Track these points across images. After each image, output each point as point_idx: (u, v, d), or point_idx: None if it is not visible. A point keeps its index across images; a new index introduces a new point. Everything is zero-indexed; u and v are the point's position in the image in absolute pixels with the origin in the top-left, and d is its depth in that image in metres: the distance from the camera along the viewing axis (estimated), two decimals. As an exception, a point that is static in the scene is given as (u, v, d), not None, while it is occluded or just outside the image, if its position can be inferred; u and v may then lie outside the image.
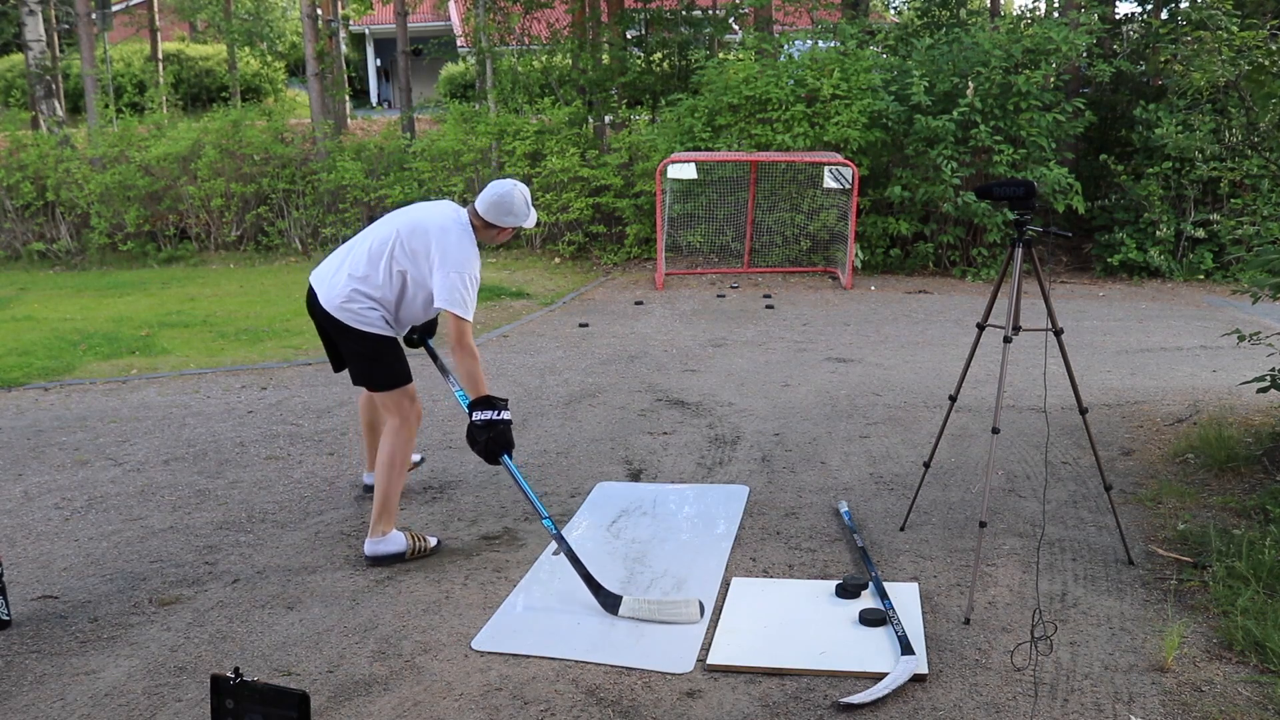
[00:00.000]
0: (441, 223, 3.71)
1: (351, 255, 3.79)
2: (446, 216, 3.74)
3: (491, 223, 3.76)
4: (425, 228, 3.70)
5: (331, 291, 3.76)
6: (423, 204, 3.91)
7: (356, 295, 3.71)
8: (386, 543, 3.76)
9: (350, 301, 3.72)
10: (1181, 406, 5.69)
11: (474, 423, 3.62)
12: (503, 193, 3.74)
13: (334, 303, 3.73)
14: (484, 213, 3.75)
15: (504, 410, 3.64)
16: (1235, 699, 2.77)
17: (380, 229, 3.80)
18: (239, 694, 2.53)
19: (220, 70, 23.95)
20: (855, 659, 2.98)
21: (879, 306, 9.47)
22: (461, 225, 3.72)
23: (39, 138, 13.92)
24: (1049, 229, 3.84)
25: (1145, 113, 10.70)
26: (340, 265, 3.80)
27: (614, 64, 14.48)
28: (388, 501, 3.76)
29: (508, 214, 3.75)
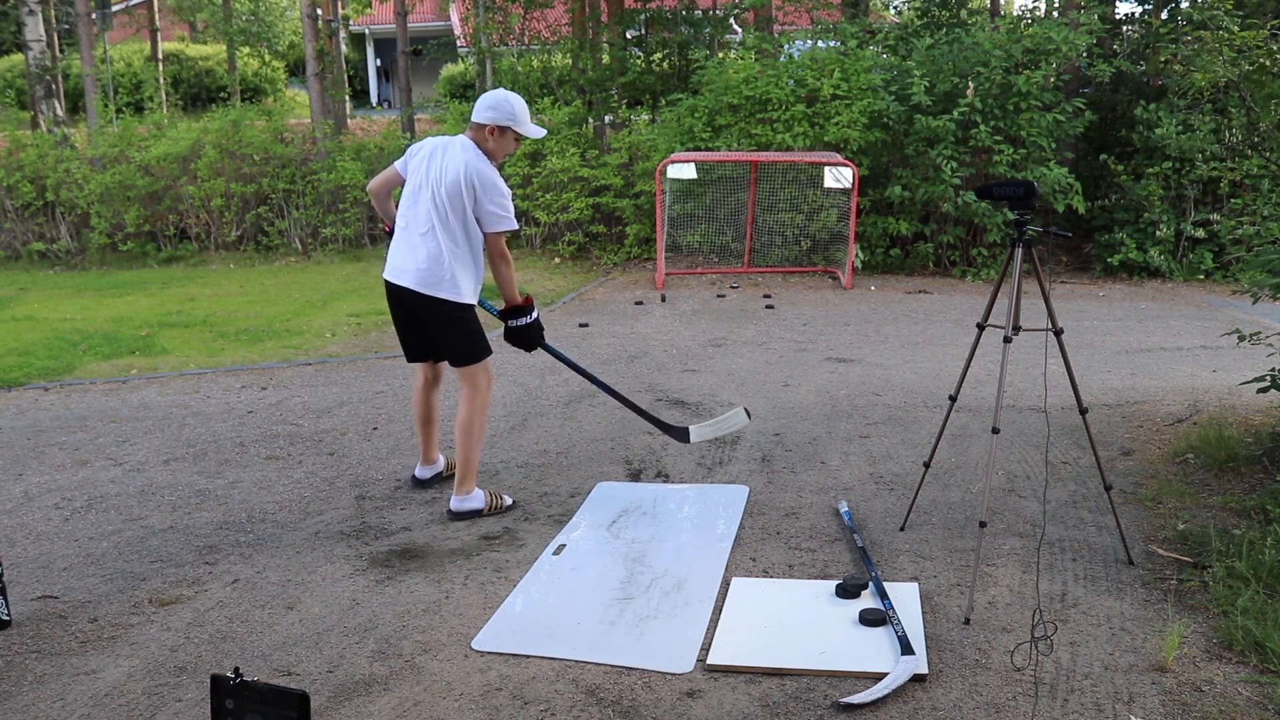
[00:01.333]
0: (459, 162, 3.95)
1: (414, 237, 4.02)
2: (457, 154, 3.98)
3: (479, 123, 3.99)
4: (447, 178, 3.95)
5: (419, 274, 4.00)
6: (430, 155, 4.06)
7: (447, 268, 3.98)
8: (470, 500, 4.15)
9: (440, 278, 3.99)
10: (1181, 406, 5.69)
11: (512, 327, 4.22)
12: (497, 96, 3.99)
13: (425, 283, 4.00)
14: (476, 117, 4.00)
15: (533, 313, 4.23)
16: (1235, 699, 2.77)
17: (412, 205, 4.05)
18: (239, 694, 2.53)
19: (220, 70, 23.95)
20: (855, 659, 2.98)
21: (879, 306, 9.47)
22: (473, 153, 3.99)
23: (39, 138, 13.92)
24: (1049, 229, 3.84)
25: (1146, 113, 10.71)
26: (413, 250, 4.03)
27: (614, 64, 14.48)
28: (469, 463, 4.13)
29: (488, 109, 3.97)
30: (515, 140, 4.07)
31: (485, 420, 4.20)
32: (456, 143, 4.03)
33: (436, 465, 4.61)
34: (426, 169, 4.03)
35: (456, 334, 4.10)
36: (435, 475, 4.61)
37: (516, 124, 4.01)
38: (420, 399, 4.47)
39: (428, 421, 4.50)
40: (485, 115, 3.99)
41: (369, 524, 4.17)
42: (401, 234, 4.12)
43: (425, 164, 4.04)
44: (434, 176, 3.99)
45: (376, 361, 7.28)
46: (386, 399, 6.18)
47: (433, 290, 4.02)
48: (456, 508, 4.16)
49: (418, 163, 4.08)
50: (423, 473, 4.59)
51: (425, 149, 4.09)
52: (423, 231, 4.01)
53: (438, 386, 4.50)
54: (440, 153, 4.04)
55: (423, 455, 4.58)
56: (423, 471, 4.59)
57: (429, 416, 4.50)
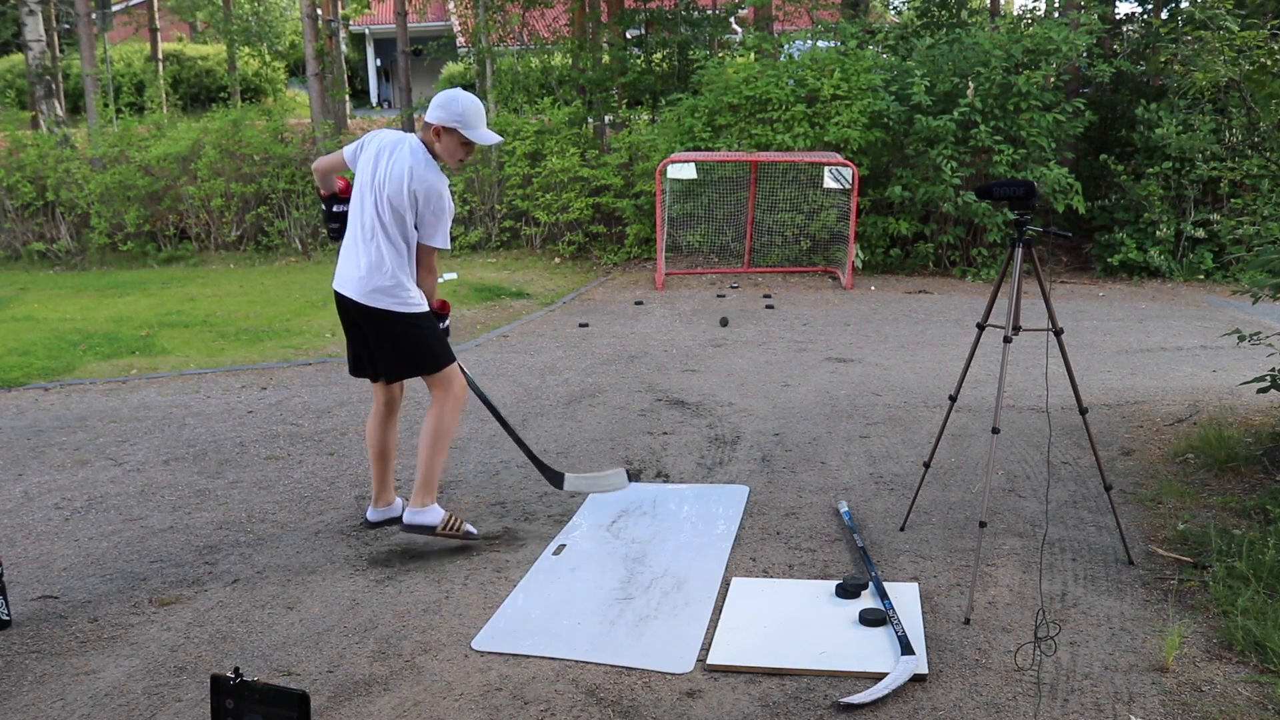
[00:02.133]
0: (404, 166, 3.65)
1: (358, 244, 3.76)
2: (403, 156, 3.67)
3: (427, 121, 3.67)
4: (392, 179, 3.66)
5: (360, 283, 3.72)
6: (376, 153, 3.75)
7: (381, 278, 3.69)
8: (425, 514, 3.80)
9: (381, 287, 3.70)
10: (1181, 406, 5.69)
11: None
12: (447, 95, 3.68)
13: (365, 292, 3.71)
14: (431, 118, 3.67)
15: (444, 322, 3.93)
16: (1235, 699, 2.77)
17: (359, 208, 3.77)
18: (239, 694, 2.53)
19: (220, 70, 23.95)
20: (855, 659, 2.98)
21: (879, 306, 9.47)
22: (420, 154, 3.68)
23: (39, 138, 13.92)
24: (1049, 229, 3.84)
25: (1146, 113, 10.71)
26: (356, 257, 3.76)
27: (614, 64, 14.48)
28: (430, 473, 3.79)
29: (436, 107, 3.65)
30: (463, 145, 3.71)
31: (453, 430, 3.85)
32: (406, 144, 3.71)
33: (393, 508, 4.09)
34: (373, 170, 3.71)
35: (408, 344, 3.76)
36: (388, 520, 4.08)
37: (464, 127, 3.65)
38: (375, 428, 4.00)
39: (382, 455, 4.01)
40: (433, 114, 3.66)
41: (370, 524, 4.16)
42: (348, 239, 3.83)
43: (372, 163, 3.73)
44: (379, 179, 3.69)
45: (376, 361, 7.28)
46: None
47: (372, 300, 3.70)
48: (409, 519, 3.81)
49: (365, 159, 3.76)
50: (375, 515, 4.09)
51: (374, 145, 3.76)
52: (366, 238, 3.71)
53: (395, 417, 4.02)
54: (388, 152, 3.71)
55: (376, 493, 4.08)
56: (375, 514, 4.09)
57: (384, 449, 4.01)
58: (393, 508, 4.10)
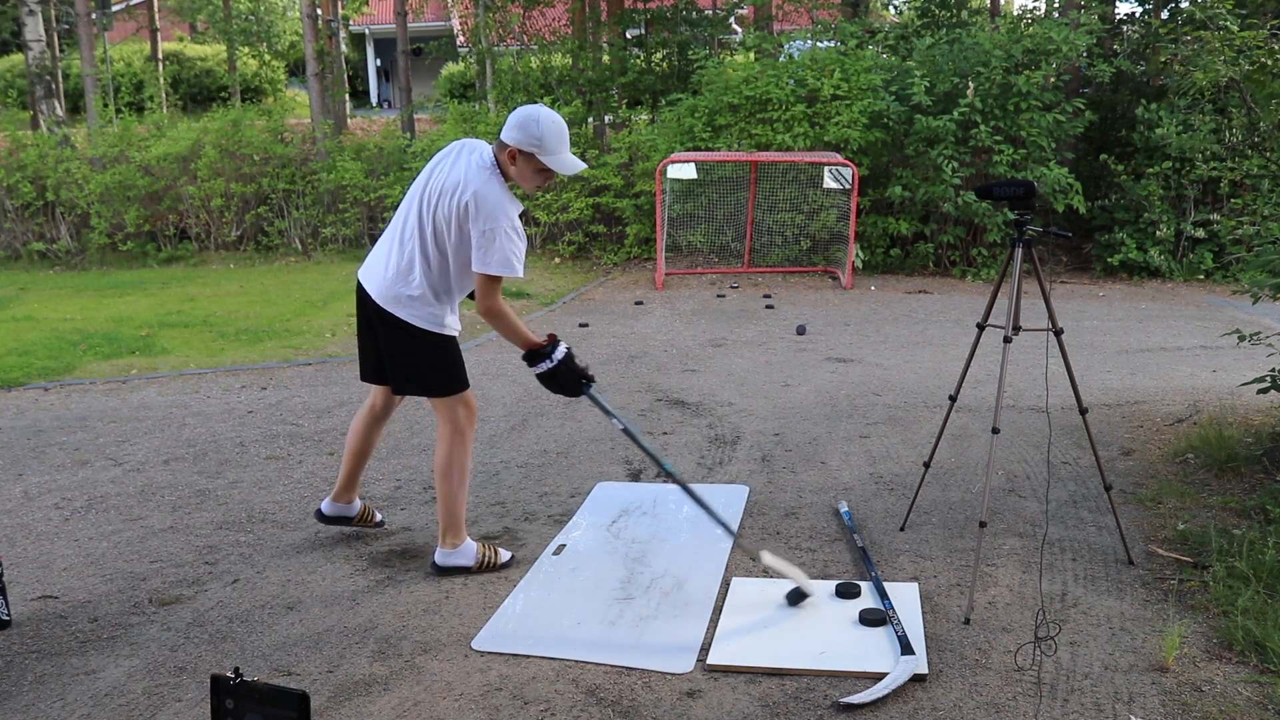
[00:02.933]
0: (463, 176, 3.31)
1: (394, 244, 3.48)
2: (468, 165, 3.33)
3: (503, 141, 3.32)
4: (446, 188, 3.33)
5: (384, 284, 3.45)
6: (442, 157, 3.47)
7: (407, 287, 3.41)
8: (458, 555, 3.61)
9: (405, 295, 3.42)
10: (1181, 406, 5.69)
11: (539, 375, 3.53)
12: (526, 113, 3.29)
13: (387, 296, 3.44)
14: (507, 139, 3.31)
15: (555, 352, 3.48)
16: (1235, 699, 2.76)
17: (407, 207, 3.49)
18: (239, 694, 2.53)
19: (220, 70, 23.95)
20: (855, 659, 2.98)
21: (879, 306, 9.47)
22: (484, 170, 3.31)
23: (39, 138, 13.92)
24: (1049, 229, 3.84)
25: (1146, 113, 10.71)
26: (388, 255, 3.48)
27: (614, 64, 14.49)
28: (452, 512, 3.56)
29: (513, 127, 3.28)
30: (540, 171, 3.36)
31: (467, 462, 3.58)
32: (477, 151, 3.38)
33: (350, 508, 3.91)
34: (430, 171, 3.44)
35: (409, 359, 3.51)
36: (341, 517, 3.91)
37: (543, 152, 3.30)
38: (359, 427, 3.80)
39: (358, 455, 3.81)
40: (509, 134, 3.30)
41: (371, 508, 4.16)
42: (386, 233, 3.56)
43: (440, 164, 3.44)
44: (433, 182, 3.39)
45: (376, 361, 7.28)
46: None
47: (392, 307, 3.42)
48: (441, 562, 3.62)
49: (437, 160, 3.48)
50: (329, 508, 3.89)
51: (453, 149, 3.48)
52: (404, 238, 3.43)
53: (383, 423, 3.83)
54: (454, 155, 3.42)
55: (337, 488, 3.88)
56: (330, 507, 3.89)
57: (362, 450, 3.82)
58: (350, 507, 3.91)
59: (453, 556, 3.62)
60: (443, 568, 3.63)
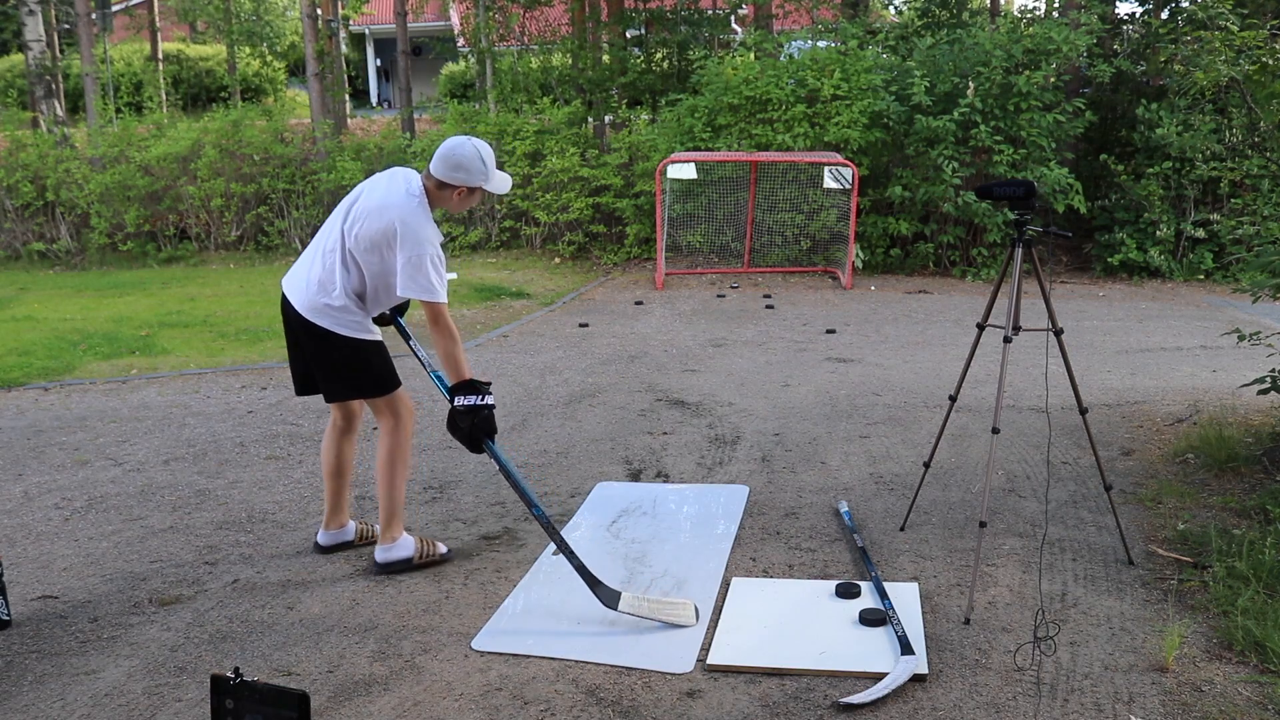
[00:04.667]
0: (388, 200, 3.40)
1: (318, 255, 3.54)
2: (395, 192, 3.42)
3: (444, 181, 3.43)
4: (371, 211, 3.40)
5: (306, 296, 3.51)
6: (373, 182, 3.55)
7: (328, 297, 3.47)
8: (398, 548, 3.65)
9: (326, 305, 3.48)
10: (1181, 406, 5.69)
11: (456, 408, 3.41)
12: (452, 146, 3.42)
13: (309, 307, 3.49)
14: (434, 171, 3.43)
15: (487, 395, 3.42)
16: (1235, 699, 2.77)
17: (331, 222, 3.56)
18: (239, 694, 2.53)
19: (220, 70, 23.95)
20: (855, 659, 2.98)
21: (879, 306, 9.47)
22: (413, 198, 3.40)
23: (39, 138, 13.92)
24: (1049, 229, 3.84)
25: (1146, 112, 10.71)
26: (310, 267, 3.54)
27: (614, 64, 14.49)
28: (393, 506, 3.62)
29: (456, 169, 3.40)
30: (469, 195, 3.49)
31: (407, 456, 3.66)
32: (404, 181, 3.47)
33: (345, 531, 3.88)
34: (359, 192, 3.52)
35: (335, 366, 3.55)
36: (340, 544, 3.88)
37: (469, 182, 3.43)
38: (329, 444, 3.79)
39: (337, 473, 3.79)
40: (435, 168, 3.42)
41: (369, 524, 4.16)
42: (310, 248, 3.62)
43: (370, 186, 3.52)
44: (362, 204, 3.45)
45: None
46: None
47: (315, 317, 3.48)
48: (381, 558, 3.64)
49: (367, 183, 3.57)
50: (325, 538, 3.86)
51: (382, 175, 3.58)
52: (325, 251, 3.50)
53: (352, 434, 3.82)
54: (385, 185, 3.49)
55: (327, 515, 3.85)
56: (325, 537, 3.86)
57: (339, 467, 3.79)
58: (345, 531, 3.89)
59: (392, 551, 3.66)
60: (383, 564, 3.65)
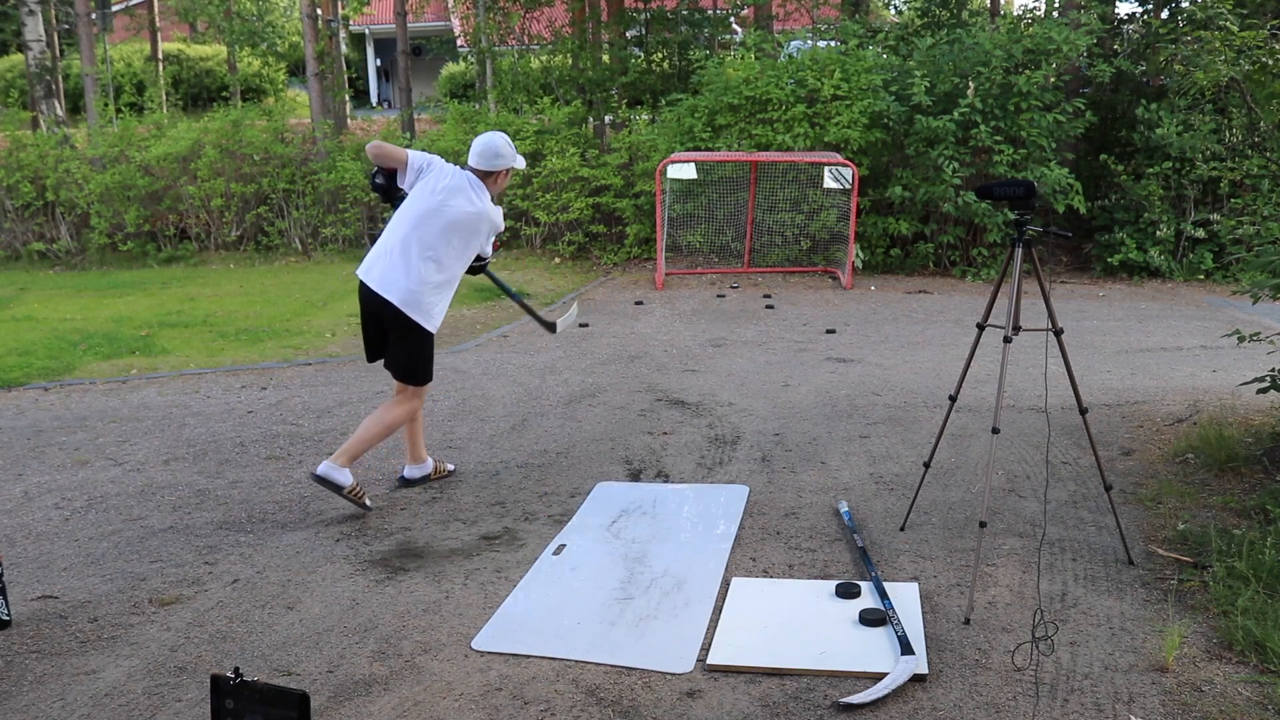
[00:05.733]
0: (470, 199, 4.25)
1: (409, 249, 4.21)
2: (470, 191, 4.27)
3: (488, 170, 4.32)
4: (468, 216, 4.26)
5: (404, 289, 4.19)
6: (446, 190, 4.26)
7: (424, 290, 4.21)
8: (340, 474, 4.19)
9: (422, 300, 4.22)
10: (1181, 406, 5.69)
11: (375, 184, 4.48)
12: (486, 142, 4.34)
13: (407, 301, 4.19)
14: (478, 165, 4.32)
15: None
16: (1235, 699, 2.77)
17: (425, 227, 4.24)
18: (239, 694, 2.53)
19: (220, 70, 23.95)
20: (855, 659, 2.98)
21: (879, 306, 9.47)
22: (483, 191, 4.31)
23: (39, 138, 13.91)
24: (1049, 229, 3.84)
25: (1146, 113, 10.70)
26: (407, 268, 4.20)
27: (614, 64, 14.49)
28: (360, 446, 4.25)
29: (496, 157, 4.32)
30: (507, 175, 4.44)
31: (396, 427, 4.40)
32: (470, 185, 4.29)
33: (425, 465, 4.66)
34: (444, 199, 4.23)
35: (413, 355, 4.33)
36: (424, 476, 4.65)
37: (512, 162, 4.38)
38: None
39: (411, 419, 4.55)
40: (491, 163, 4.32)
41: (369, 524, 4.17)
42: (398, 247, 4.24)
43: (444, 194, 4.23)
44: (452, 212, 4.22)
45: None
46: (386, 399, 6.17)
47: (411, 312, 4.21)
48: (324, 472, 4.19)
49: (433, 186, 4.26)
50: (411, 472, 4.64)
51: (446, 177, 4.28)
52: (424, 255, 4.21)
53: None
54: (460, 193, 4.26)
55: (410, 453, 4.62)
56: (411, 470, 4.64)
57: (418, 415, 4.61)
58: (425, 464, 4.63)
59: (335, 473, 4.17)
60: (322, 476, 4.17)
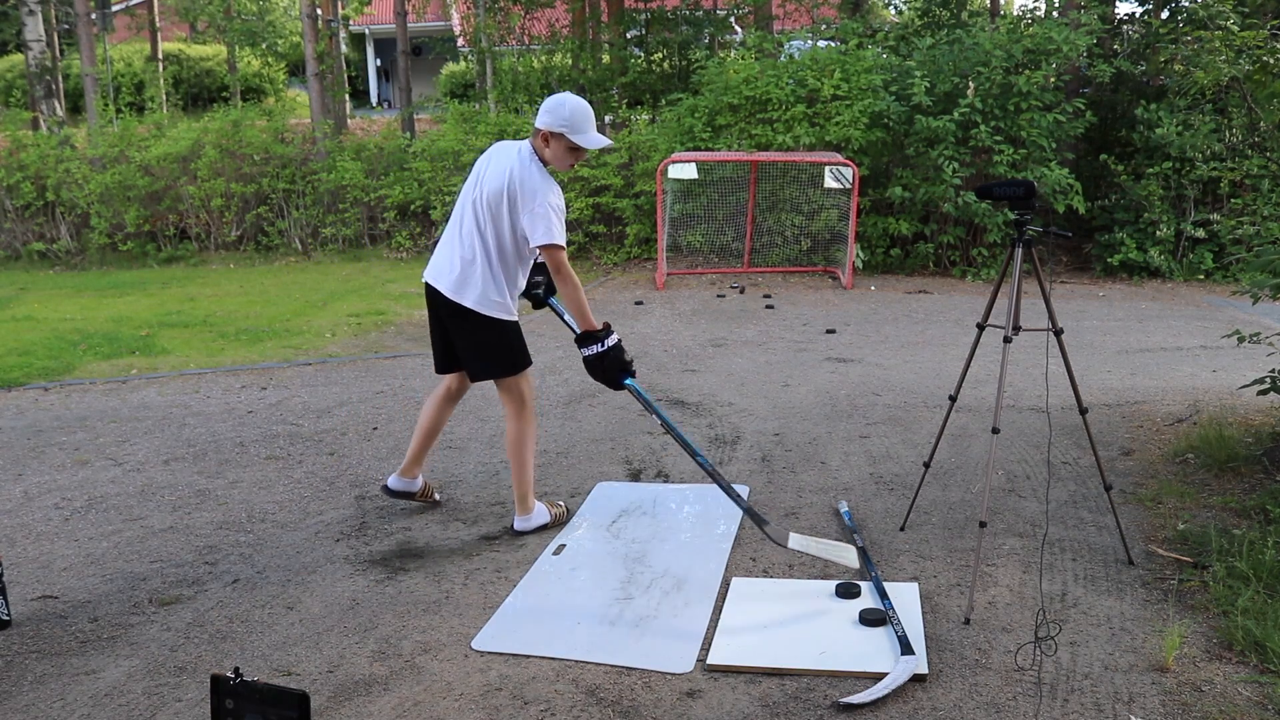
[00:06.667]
0: (505, 168, 3.71)
1: (456, 238, 3.85)
2: (508, 159, 3.73)
3: (549, 130, 3.66)
4: (495, 186, 3.72)
5: (451, 277, 3.82)
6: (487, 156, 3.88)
7: (472, 275, 3.78)
8: (534, 518, 4.02)
9: (470, 283, 3.79)
10: (1181, 406, 5.69)
11: (586, 358, 3.79)
12: (555, 100, 3.71)
13: (454, 286, 3.81)
14: (540, 124, 3.70)
15: (608, 339, 3.74)
16: (1235, 699, 2.77)
17: (461, 205, 3.87)
18: (239, 694, 2.53)
19: (220, 70, 23.95)
20: (855, 659, 2.98)
21: (879, 306, 9.47)
22: (526, 158, 3.71)
23: (39, 138, 13.92)
24: (1049, 229, 3.84)
25: (1146, 113, 10.71)
26: (452, 250, 3.85)
27: (614, 64, 14.50)
28: (525, 482, 3.97)
29: (548, 112, 3.66)
30: (571, 150, 3.71)
31: (534, 436, 4.00)
32: (516, 149, 3.78)
33: (413, 483, 4.23)
34: (480, 171, 3.85)
35: (479, 346, 3.88)
36: (406, 492, 4.23)
37: (571, 131, 3.66)
38: (433, 407, 4.12)
39: (429, 433, 4.13)
40: (541, 119, 3.70)
41: (369, 524, 4.17)
42: (446, 234, 3.93)
43: (485, 164, 3.85)
44: (483, 179, 3.79)
45: (376, 361, 7.29)
46: (386, 399, 6.18)
47: (458, 296, 3.81)
48: (521, 527, 4.02)
49: (481, 162, 3.89)
50: (396, 483, 4.20)
51: (491, 150, 3.91)
52: (464, 234, 3.82)
53: (454, 403, 4.18)
54: (499, 156, 3.82)
55: (405, 464, 4.18)
56: (396, 482, 4.20)
57: (433, 428, 4.13)
58: (413, 483, 4.23)
59: (530, 520, 4.02)
60: (521, 531, 4.00)
